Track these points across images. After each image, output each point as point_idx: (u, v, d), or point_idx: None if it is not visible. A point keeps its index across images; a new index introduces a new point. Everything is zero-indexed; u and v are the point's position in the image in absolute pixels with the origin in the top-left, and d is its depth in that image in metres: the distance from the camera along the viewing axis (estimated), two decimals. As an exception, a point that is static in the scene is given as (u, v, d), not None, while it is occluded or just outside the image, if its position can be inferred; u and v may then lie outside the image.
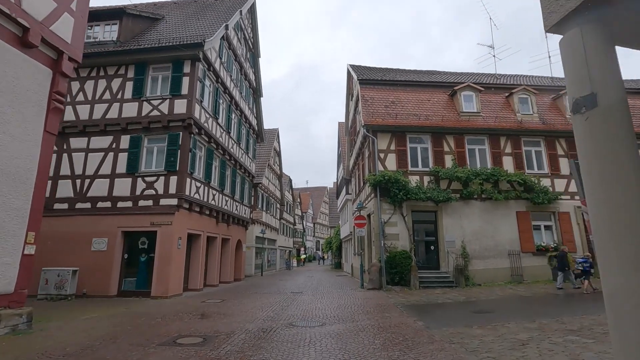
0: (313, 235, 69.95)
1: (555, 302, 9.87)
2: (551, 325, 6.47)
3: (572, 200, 15.32)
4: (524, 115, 16.23)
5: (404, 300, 10.36)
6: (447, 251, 14.12)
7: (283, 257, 38.80)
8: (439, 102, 16.48)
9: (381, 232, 13.91)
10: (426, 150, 15.42)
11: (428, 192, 14.33)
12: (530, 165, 15.64)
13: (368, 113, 15.55)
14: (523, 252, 14.43)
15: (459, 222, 14.50)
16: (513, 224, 14.74)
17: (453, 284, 13.25)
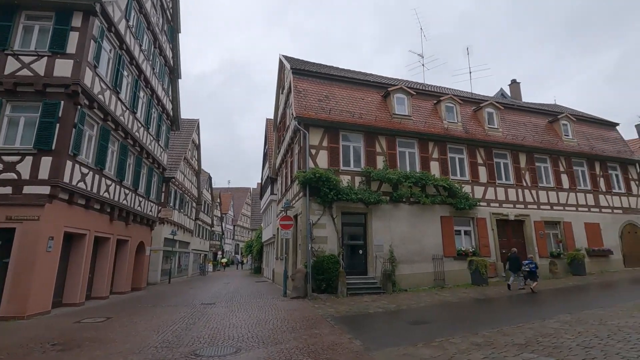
0: (233, 238, 66.34)
1: (485, 309, 9.69)
2: (497, 339, 5.84)
3: (488, 207, 16.08)
4: (450, 123, 16.68)
5: (332, 311, 9.20)
6: (375, 256, 13.50)
7: (197, 261, 35.35)
8: (373, 102, 16.03)
9: (309, 234, 12.68)
10: (359, 149, 14.73)
11: (359, 193, 13.59)
12: (454, 171, 16.02)
13: (300, 105, 14.30)
14: (445, 256, 14.56)
15: (388, 225, 14.03)
16: (437, 229, 14.82)
17: (380, 290, 12.61)
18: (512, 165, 17.21)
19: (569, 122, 19.66)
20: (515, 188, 16.95)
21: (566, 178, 18.25)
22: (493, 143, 16.86)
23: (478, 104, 18.39)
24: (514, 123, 18.66)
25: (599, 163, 19.37)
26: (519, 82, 24.63)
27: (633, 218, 19.36)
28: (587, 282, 14.03)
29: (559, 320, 7.10)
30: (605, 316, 7.29)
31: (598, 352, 4.79)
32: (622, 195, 19.56)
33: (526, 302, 10.19)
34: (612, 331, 5.91)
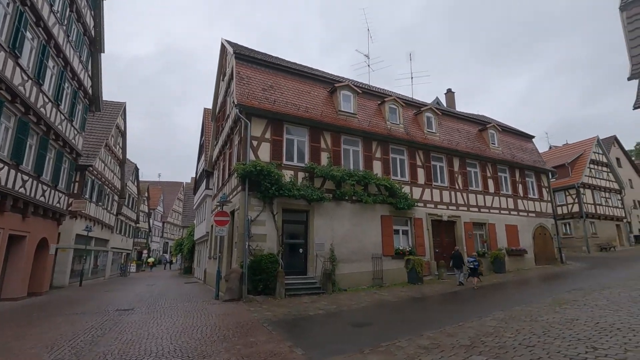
0: (161, 236, 61.56)
1: (424, 308, 9.72)
2: (442, 340, 5.65)
3: (425, 207, 16.62)
4: (393, 124, 16.93)
5: (270, 315, 8.47)
6: (315, 255, 13.04)
7: (118, 261, 31.85)
8: (319, 97, 15.59)
9: (247, 231, 11.76)
10: (303, 144, 14.15)
11: (302, 190, 13.00)
12: (395, 172, 16.27)
13: (243, 93, 13.29)
14: (384, 255, 14.64)
15: (330, 223, 13.67)
16: (378, 228, 14.87)
17: (320, 290, 12.16)
18: (447, 169, 18.05)
19: (495, 131, 21.31)
20: (449, 190, 17.80)
21: (492, 183, 19.71)
22: (431, 146, 17.50)
23: (419, 108, 19.01)
24: (450, 129, 19.65)
25: (519, 170, 21.30)
26: (453, 92, 26.22)
27: (543, 221, 21.63)
28: (508, 279, 15.14)
29: (494, 318, 7.24)
30: (533, 312, 7.62)
31: (541, 351, 4.77)
32: (535, 200, 21.75)
33: (460, 300, 10.49)
34: (545, 328, 6.08)
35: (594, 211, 29.80)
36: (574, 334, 5.58)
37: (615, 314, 6.91)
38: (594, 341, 5.10)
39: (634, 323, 6.07)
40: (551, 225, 21.99)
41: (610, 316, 6.76)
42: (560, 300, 8.99)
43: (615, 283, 11.73)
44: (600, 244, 29.07)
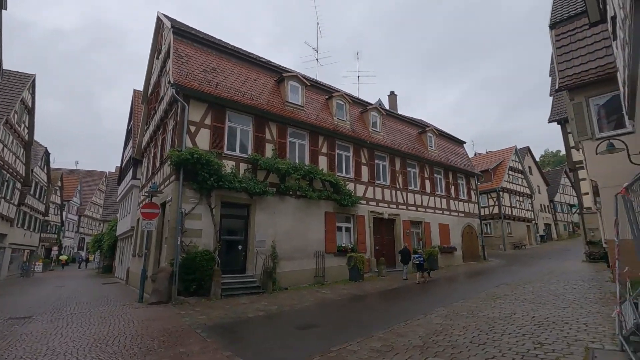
0: (77, 230, 54.87)
1: (368, 306, 9.53)
2: (394, 341, 5.37)
3: (367, 205, 16.71)
4: (340, 120, 16.74)
5: (204, 319, 7.55)
6: (256, 252, 12.24)
7: (19, 259, 27.40)
8: (266, 86, 14.75)
9: (179, 226, 10.55)
10: (247, 133, 13.22)
11: (244, 182, 12.10)
12: (340, 168, 16.09)
13: (181, 72, 11.96)
14: (327, 252, 14.36)
15: (272, 219, 12.96)
16: (321, 224, 14.53)
17: (260, 289, 11.41)
18: (389, 168, 18.41)
19: (433, 135, 22.38)
20: (390, 189, 18.17)
21: (429, 183, 20.64)
22: (375, 145, 17.68)
23: (365, 106, 19.11)
24: (393, 130, 20.11)
25: (452, 173, 22.66)
26: (396, 95, 27.06)
27: (470, 221, 23.31)
28: (442, 275, 15.86)
29: (439, 315, 7.24)
30: (473, 307, 7.81)
31: (493, 349, 4.70)
32: (464, 201, 23.34)
33: (402, 297, 10.55)
34: (489, 324, 6.15)
35: (510, 213, 33.11)
36: (517, 329, 5.68)
37: (545, 308, 7.33)
38: (537, 336, 5.20)
39: (564, 316, 6.42)
40: (477, 225, 23.80)
41: (541, 310, 7.13)
42: (493, 295, 9.43)
43: (534, 278, 12.83)
44: (514, 242, 32.42)
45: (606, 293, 8.74)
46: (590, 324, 5.70)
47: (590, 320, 5.99)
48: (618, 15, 6.24)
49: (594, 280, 11.48)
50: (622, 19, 5.85)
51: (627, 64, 6.54)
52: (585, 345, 4.65)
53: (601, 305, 7.31)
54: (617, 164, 9.15)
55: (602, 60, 10.12)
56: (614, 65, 9.74)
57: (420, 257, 13.81)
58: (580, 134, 10.20)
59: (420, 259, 13.76)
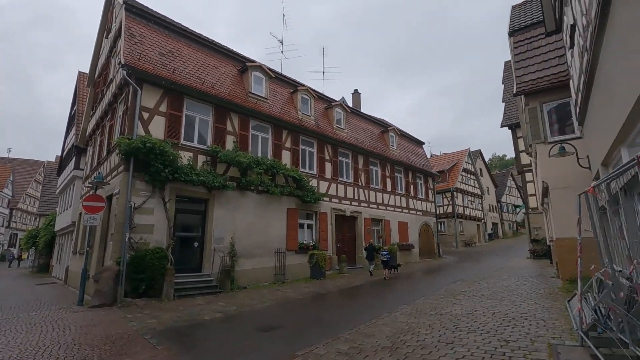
0: (7, 225, 49.51)
1: (332, 304, 9.31)
2: (362, 342, 5.16)
3: (330, 202, 16.55)
4: (304, 115, 16.38)
5: (154, 323, 6.88)
6: (213, 249, 11.57)
7: None
8: (228, 75, 14.00)
9: (128, 221, 9.63)
10: (206, 124, 12.44)
11: (202, 175, 11.36)
12: (304, 164, 15.75)
13: (134, 53, 10.94)
14: (288, 250, 13.98)
15: (232, 214, 12.33)
16: (283, 221, 14.12)
17: (217, 288, 10.78)
18: (352, 165, 18.39)
19: (395, 134, 22.77)
20: (353, 186, 18.16)
21: (390, 182, 20.96)
22: (339, 142, 17.56)
23: (329, 103, 18.92)
24: (356, 127, 20.13)
25: (411, 172, 23.23)
26: (359, 93, 27.21)
27: (427, 219, 24.07)
28: (401, 271, 16.08)
29: (403, 313, 7.18)
30: (435, 305, 7.87)
31: (461, 348, 4.64)
32: (422, 200, 24.05)
33: (365, 295, 10.47)
34: (454, 322, 6.16)
35: (462, 212, 34.79)
36: (480, 326, 5.72)
37: (502, 304, 7.55)
38: (500, 333, 5.25)
39: (522, 312, 6.62)
40: (433, 223, 24.64)
41: (499, 306, 7.33)
42: (452, 292, 9.63)
43: (487, 274, 13.41)
44: (465, 240, 34.13)
45: (554, 289, 9.25)
46: (547, 320, 5.89)
47: (547, 316, 6.21)
48: (579, 23, 6.51)
49: (540, 276, 12.20)
50: (584, 26, 6.10)
51: (584, 70, 6.86)
52: (547, 341, 4.73)
53: (552, 300, 7.67)
54: (566, 167, 9.71)
55: (556, 69, 10.69)
56: (566, 74, 10.32)
57: (387, 255, 14.38)
58: (534, 137, 10.72)
59: (387, 256, 14.28)
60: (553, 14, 9.92)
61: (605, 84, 5.73)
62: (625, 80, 4.69)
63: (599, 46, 5.42)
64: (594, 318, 4.64)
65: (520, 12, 13.74)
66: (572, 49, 7.77)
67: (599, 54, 5.65)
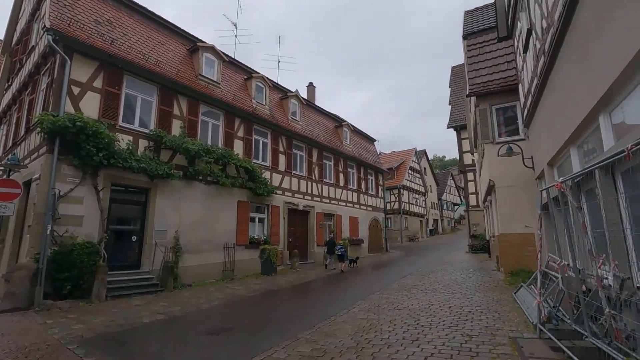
0: None
1: (286, 302, 8.87)
2: (324, 343, 4.83)
3: (283, 195, 16.04)
4: (258, 103, 15.64)
5: (81, 329, 5.91)
6: (155, 244, 10.50)
7: None
8: (176, 54, 12.79)
9: (51, 211, 8.29)
10: (150, 105, 11.22)
11: (143, 162, 10.20)
12: (257, 155, 15.04)
13: (63, 17, 9.43)
14: (238, 244, 13.24)
15: (177, 206, 11.31)
16: (233, 214, 13.33)
17: (158, 287, 9.79)
18: (306, 159, 18.03)
19: (348, 130, 22.84)
20: (306, 180, 17.81)
21: (342, 177, 20.98)
22: (294, 134, 17.08)
23: (285, 93, 18.33)
24: (311, 120, 19.79)
25: (363, 168, 23.51)
26: (314, 87, 26.88)
27: (376, 215, 24.60)
28: (352, 266, 16.15)
29: (361, 309, 7.00)
30: (392, 300, 7.82)
31: (427, 345, 4.51)
32: (373, 196, 24.51)
33: (319, 290, 10.21)
34: (414, 317, 6.09)
35: (407, 209, 36.26)
36: (440, 321, 5.70)
37: (454, 297, 7.71)
38: (461, 328, 5.24)
39: (476, 305, 6.78)
40: (382, 219, 25.25)
41: (453, 299, 7.47)
42: (404, 286, 9.73)
43: (434, 268, 13.91)
44: (409, 235, 35.65)
45: (497, 281, 9.76)
46: (501, 313, 6.06)
47: (500, 308, 6.41)
48: (537, 26, 6.77)
49: (482, 269, 12.91)
50: (544, 29, 6.32)
51: (538, 73, 7.17)
52: (507, 334, 4.79)
53: (499, 292, 8.02)
54: (511, 167, 10.25)
55: (504, 73, 11.25)
56: (514, 78, 10.89)
57: (342, 249, 14.74)
58: (484, 137, 11.20)
59: (342, 250, 14.64)
60: (505, 21, 10.40)
61: (560, 87, 5.98)
62: (584, 84, 4.88)
63: (558, 48, 5.62)
64: (550, 311, 4.79)
65: (473, 17, 14.35)
66: (526, 53, 8.14)
67: (556, 57, 5.87)
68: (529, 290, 6.70)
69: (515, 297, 7.08)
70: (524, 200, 10.17)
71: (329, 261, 15.16)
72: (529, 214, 10.10)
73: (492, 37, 12.22)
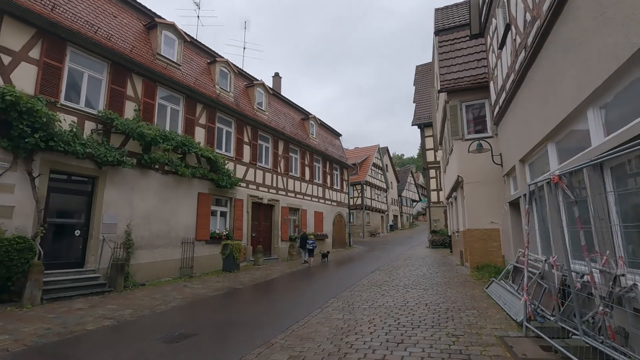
0: None
1: (253, 301, 8.24)
2: (301, 348, 4.35)
3: (247, 188, 15.26)
4: (222, 90, 14.67)
5: (7, 341, 4.93)
6: (102, 239, 9.38)
7: None
8: (131, 28, 11.53)
9: (-29, 200, 6.98)
10: (99, 83, 9.98)
11: (90, 146, 9.02)
12: (220, 144, 14.12)
13: (-10, -28, 7.98)
14: (197, 240, 12.35)
15: (129, 197, 10.20)
16: (193, 207, 12.38)
17: (106, 287, 8.73)
18: (272, 150, 17.33)
19: (315, 123, 22.38)
20: (271, 173, 17.13)
21: (308, 171, 20.52)
22: (260, 124, 16.30)
23: (251, 81, 17.45)
24: (278, 111, 19.07)
25: (329, 163, 23.22)
26: (280, 77, 26.05)
27: (341, 210, 24.47)
28: (318, 261, 15.80)
29: (335, 308, 6.61)
30: (364, 297, 7.52)
31: (414, 348, 4.20)
32: (337, 191, 24.33)
33: (288, 288, 9.70)
34: (392, 316, 5.80)
35: (370, 204, 36.68)
36: (421, 320, 5.45)
37: (427, 294, 7.58)
38: (444, 327, 5.02)
39: (452, 302, 6.65)
40: (346, 214, 25.18)
41: (427, 296, 7.32)
42: (375, 282, 9.52)
43: (400, 263, 13.94)
44: (371, 230, 36.11)
45: (465, 276, 9.84)
46: (480, 309, 5.95)
47: (476, 304, 6.31)
48: (519, 20, 6.72)
49: (446, 264, 13.12)
50: (528, 22, 6.25)
51: (515, 69, 7.16)
52: (492, 333, 4.61)
53: (470, 288, 8.02)
54: (479, 163, 10.37)
55: (475, 71, 11.35)
56: (484, 76, 11.02)
57: (313, 243, 15.07)
58: (453, 134, 11.25)
59: (313, 244, 15.03)
60: (479, 18, 10.46)
61: (541, 81, 5.94)
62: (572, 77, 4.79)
63: (544, 41, 5.54)
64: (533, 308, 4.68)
65: (443, 14, 14.45)
66: (502, 49, 8.16)
67: (539, 51, 5.82)
68: (503, 286, 6.69)
69: (488, 293, 7.07)
70: (490, 197, 10.35)
71: (304, 255, 15.40)
72: (494, 210, 10.31)
73: (464, 35, 12.34)
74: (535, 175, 7.18)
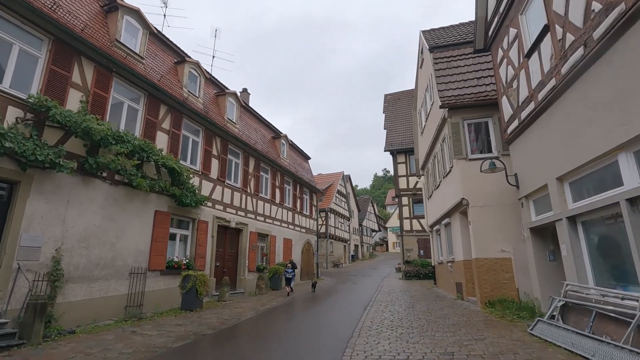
0: None
1: (235, 355, 6.11)
2: None
3: (213, 208, 13.04)
4: (191, 94, 12.74)
5: None
6: (17, 267, 6.76)
7: None
8: (84, 5, 9.42)
9: None
10: (34, 62, 7.68)
11: (12, 139, 6.63)
12: (185, 155, 11.99)
13: None
14: (150, 270, 9.86)
15: (62, 212, 7.70)
16: (148, 228, 9.97)
17: (15, 338, 6.07)
18: (242, 167, 15.38)
19: (286, 143, 20.87)
20: (241, 192, 15.08)
21: (279, 193, 18.68)
22: (231, 136, 14.39)
23: (222, 90, 15.67)
24: (249, 126, 17.33)
25: (299, 186, 21.59)
26: (249, 93, 24.47)
27: (309, 237, 22.65)
28: (288, 297, 13.70)
29: (360, 365, 4.82)
30: (388, 347, 5.82)
31: None
32: (307, 217, 22.59)
33: (272, 333, 7.62)
34: None
35: (334, 233, 35.18)
36: None
37: (463, 340, 6.08)
38: None
39: (509, 350, 5.19)
40: (314, 242, 23.38)
41: (467, 343, 5.80)
42: (380, 322, 7.83)
43: (387, 298, 12.37)
44: (334, 260, 34.39)
45: (479, 313, 8.54)
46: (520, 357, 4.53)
47: (544, 355, 4.89)
48: (573, 16, 5.93)
49: (441, 298, 11.82)
50: (597, 12, 5.42)
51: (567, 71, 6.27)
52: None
53: (505, 330, 6.66)
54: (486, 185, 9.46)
55: (475, 89, 10.74)
56: (486, 94, 10.39)
57: (292, 272, 14.28)
58: (456, 153, 10.34)
59: (292, 273, 14.27)
60: (484, 32, 9.94)
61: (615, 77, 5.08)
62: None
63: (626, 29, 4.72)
64: None
65: (432, 35, 14.12)
66: (529, 57, 7.42)
67: (613, 44, 5.00)
68: (560, 326, 5.41)
69: (540, 336, 5.74)
70: (500, 222, 9.39)
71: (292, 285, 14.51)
72: (504, 237, 9.32)
73: (459, 54, 11.90)
74: (581, 195, 6.21)
